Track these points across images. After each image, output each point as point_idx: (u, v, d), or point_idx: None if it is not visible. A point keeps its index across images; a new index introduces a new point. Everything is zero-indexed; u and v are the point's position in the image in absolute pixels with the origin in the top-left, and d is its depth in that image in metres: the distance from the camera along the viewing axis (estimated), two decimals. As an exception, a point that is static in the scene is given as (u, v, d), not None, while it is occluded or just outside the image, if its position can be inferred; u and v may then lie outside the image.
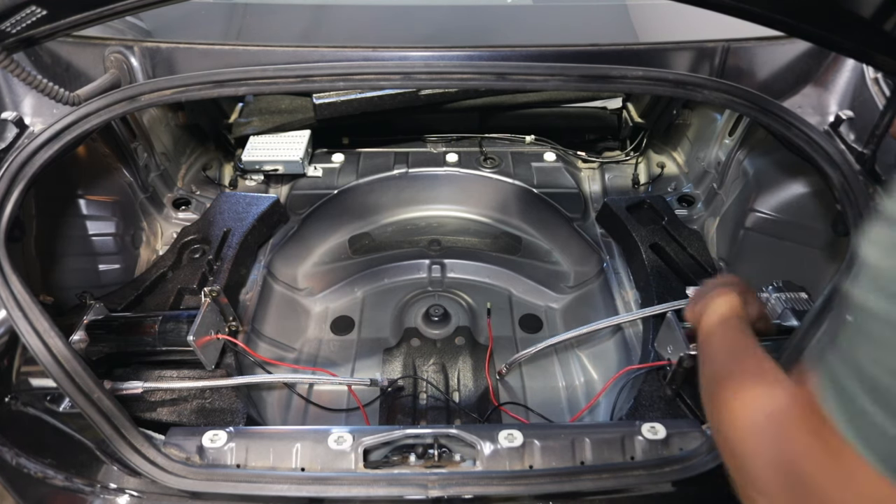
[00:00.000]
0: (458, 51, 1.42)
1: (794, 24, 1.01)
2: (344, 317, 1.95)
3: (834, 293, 1.13)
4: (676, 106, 2.13)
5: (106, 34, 1.49)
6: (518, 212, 2.22)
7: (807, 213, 1.60)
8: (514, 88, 1.43)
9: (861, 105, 1.39)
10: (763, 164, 1.75)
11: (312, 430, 1.22)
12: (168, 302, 1.64)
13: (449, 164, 2.24)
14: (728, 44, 1.50)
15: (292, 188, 2.19)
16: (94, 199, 1.77)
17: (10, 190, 1.20)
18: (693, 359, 1.31)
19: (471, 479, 1.10)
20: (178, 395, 1.42)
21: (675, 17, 1.64)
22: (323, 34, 1.77)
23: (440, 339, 1.82)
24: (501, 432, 1.17)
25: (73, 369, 1.11)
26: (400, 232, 2.21)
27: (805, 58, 1.50)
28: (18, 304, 1.11)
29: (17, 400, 1.19)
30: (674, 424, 1.21)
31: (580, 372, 1.77)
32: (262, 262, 1.93)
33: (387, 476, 1.11)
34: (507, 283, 2.05)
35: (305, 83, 1.35)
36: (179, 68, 1.48)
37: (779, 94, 1.47)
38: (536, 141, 2.35)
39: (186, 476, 1.10)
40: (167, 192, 2.09)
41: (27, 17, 0.99)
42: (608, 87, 1.38)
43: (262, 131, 2.21)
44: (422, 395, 1.66)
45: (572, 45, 1.46)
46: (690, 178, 2.16)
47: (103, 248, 1.78)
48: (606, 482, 1.09)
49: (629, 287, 1.85)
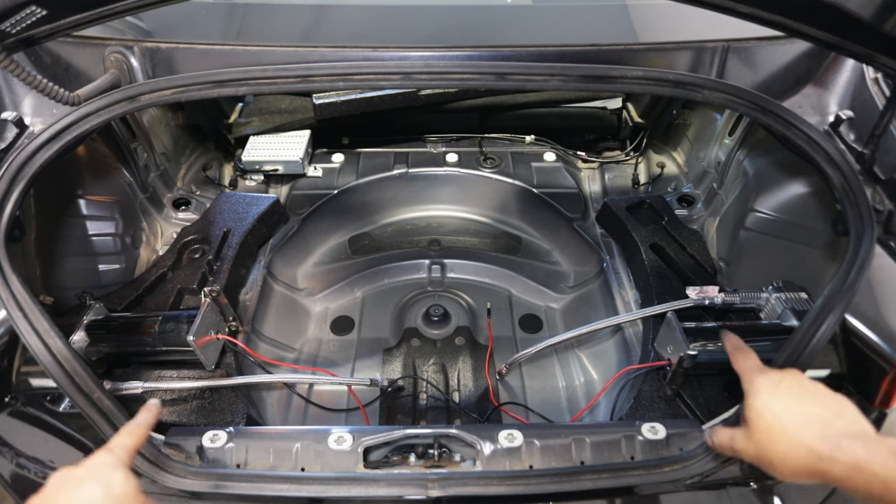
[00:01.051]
0: (458, 51, 1.42)
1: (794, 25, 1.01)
2: (344, 317, 1.95)
3: (834, 293, 1.13)
4: (676, 106, 2.13)
5: (106, 34, 1.49)
6: (518, 212, 2.22)
7: (807, 213, 1.60)
8: (514, 88, 1.42)
9: (861, 105, 1.39)
10: (763, 164, 1.75)
11: (312, 431, 1.22)
12: (168, 302, 1.64)
13: (449, 164, 2.24)
14: (728, 44, 1.50)
15: (292, 188, 2.19)
16: (94, 199, 1.77)
17: (9, 190, 1.19)
18: (693, 359, 1.31)
19: (471, 479, 1.10)
20: (178, 396, 1.42)
21: (675, 17, 1.64)
22: (323, 34, 1.76)
23: (440, 339, 1.82)
24: (501, 432, 1.17)
25: (73, 369, 1.11)
26: (400, 232, 2.21)
27: (805, 58, 1.50)
28: (18, 304, 1.11)
29: (17, 400, 1.19)
30: (674, 424, 1.21)
31: (580, 372, 1.77)
32: (262, 262, 1.93)
33: (387, 476, 1.11)
34: (507, 283, 2.05)
35: (305, 83, 1.35)
36: (179, 68, 1.47)
37: (779, 94, 1.47)
38: (536, 141, 2.35)
39: (186, 476, 1.10)
40: (167, 192, 2.09)
41: (27, 17, 0.99)
42: (608, 87, 1.37)
43: (262, 131, 2.21)
44: (422, 395, 1.66)
45: (572, 45, 1.46)
46: (690, 178, 2.16)
47: (103, 248, 1.78)
48: (606, 482, 1.09)
49: (629, 287, 1.85)
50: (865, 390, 1.14)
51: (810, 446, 0.76)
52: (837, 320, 1.11)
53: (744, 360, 0.97)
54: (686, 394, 1.39)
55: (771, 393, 0.84)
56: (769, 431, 0.82)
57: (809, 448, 0.76)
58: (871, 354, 1.11)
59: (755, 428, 0.84)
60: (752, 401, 0.86)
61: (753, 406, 0.85)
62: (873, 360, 1.11)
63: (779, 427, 0.81)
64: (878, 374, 1.10)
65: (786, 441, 0.79)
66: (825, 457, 0.74)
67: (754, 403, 0.85)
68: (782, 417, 0.81)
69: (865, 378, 1.14)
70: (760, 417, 0.83)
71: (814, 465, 0.75)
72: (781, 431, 0.80)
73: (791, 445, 0.78)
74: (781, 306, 1.44)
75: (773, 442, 0.81)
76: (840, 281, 1.14)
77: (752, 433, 0.84)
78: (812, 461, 0.75)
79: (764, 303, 1.50)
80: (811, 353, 1.10)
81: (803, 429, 0.77)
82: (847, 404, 0.80)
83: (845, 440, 0.74)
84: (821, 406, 0.80)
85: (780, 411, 0.81)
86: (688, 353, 1.31)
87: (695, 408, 1.36)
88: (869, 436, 0.74)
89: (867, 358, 1.12)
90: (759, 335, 1.40)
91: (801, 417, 0.79)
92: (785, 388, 0.84)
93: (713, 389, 1.40)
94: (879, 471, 0.70)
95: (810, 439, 0.76)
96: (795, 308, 1.42)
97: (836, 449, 0.74)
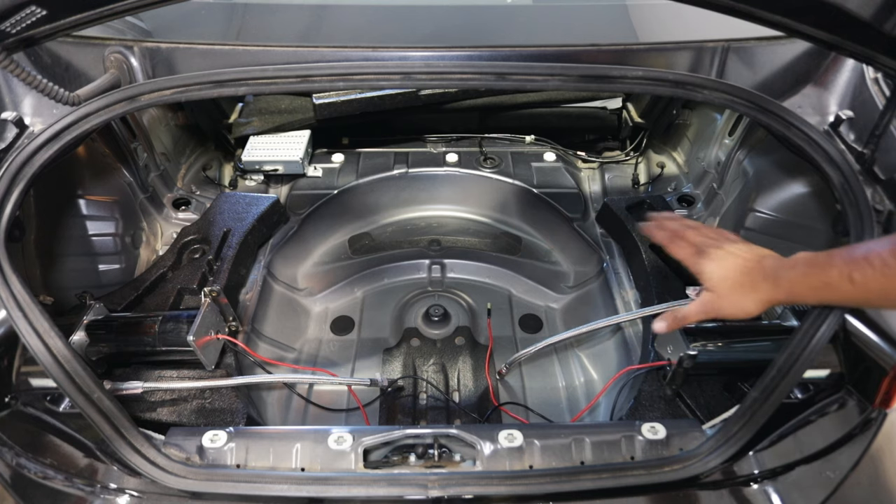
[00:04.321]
0: (458, 51, 1.42)
1: (794, 25, 1.01)
2: (344, 317, 1.95)
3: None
4: (676, 106, 2.13)
5: (106, 34, 1.49)
6: (518, 212, 2.22)
7: (807, 213, 1.60)
8: (514, 88, 1.43)
9: (861, 105, 1.39)
10: (763, 164, 1.75)
11: (312, 431, 1.22)
12: (168, 302, 1.64)
13: (449, 164, 2.24)
14: (728, 44, 1.50)
15: (292, 188, 2.19)
16: (94, 199, 1.77)
17: (9, 190, 1.19)
18: (693, 359, 1.31)
19: (471, 479, 1.10)
20: (178, 396, 1.42)
21: (675, 17, 1.64)
22: (323, 34, 1.76)
23: (440, 339, 1.82)
24: (501, 432, 1.17)
25: (73, 369, 1.11)
26: (400, 232, 2.21)
27: (805, 58, 1.50)
28: (18, 304, 1.11)
29: (17, 400, 1.19)
30: (674, 424, 1.21)
31: (580, 372, 1.77)
32: (261, 262, 1.93)
33: (387, 476, 1.11)
34: (507, 283, 2.05)
35: (305, 83, 1.35)
36: (179, 68, 1.47)
37: (779, 94, 1.47)
38: (536, 141, 2.35)
39: (186, 476, 1.10)
40: (167, 192, 2.09)
41: (27, 17, 0.99)
42: (608, 87, 1.37)
43: (262, 131, 2.21)
44: (422, 395, 1.66)
45: (572, 45, 1.46)
46: (690, 178, 2.16)
47: (103, 248, 1.78)
48: (606, 482, 1.09)
49: (629, 287, 1.85)
50: (865, 390, 1.14)
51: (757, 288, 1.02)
52: (837, 320, 1.11)
53: (681, 250, 1.12)
54: (686, 394, 1.39)
55: (714, 265, 1.06)
56: (727, 289, 1.04)
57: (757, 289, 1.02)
58: (871, 354, 1.12)
59: (718, 291, 1.05)
60: (705, 277, 1.07)
61: (710, 278, 1.06)
62: (873, 360, 1.11)
63: (730, 284, 1.04)
64: (878, 374, 1.10)
65: (740, 290, 1.03)
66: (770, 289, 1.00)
67: (709, 276, 1.06)
68: (730, 277, 1.04)
69: (865, 378, 1.14)
70: (721, 281, 1.05)
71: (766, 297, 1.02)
72: (737, 286, 1.04)
73: (745, 291, 1.03)
74: (781, 306, 1.44)
75: (731, 294, 1.04)
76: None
77: (716, 296, 1.06)
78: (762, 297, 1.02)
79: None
80: (811, 353, 1.10)
81: (747, 275, 1.03)
82: (762, 250, 1.06)
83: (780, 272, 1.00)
84: (749, 259, 1.05)
85: (727, 274, 1.04)
86: (688, 353, 1.31)
87: (695, 408, 1.36)
88: (787, 260, 1.01)
89: (867, 358, 1.12)
90: (759, 335, 1.40)
91: (743, 273, 1.03)
92: (721, 257, 1.06)
93: (713, 389, 1.40)
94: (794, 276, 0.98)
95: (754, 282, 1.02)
96: (795, 308, 1.42)
97: (775, 279, 1.00)
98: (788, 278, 0.98)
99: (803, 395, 1.22)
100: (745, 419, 1.12)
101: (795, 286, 0.97)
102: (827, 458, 1.12)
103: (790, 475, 1.13)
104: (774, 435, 1.15)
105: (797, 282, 0.97)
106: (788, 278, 0.98)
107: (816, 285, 0.95)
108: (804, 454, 1.13)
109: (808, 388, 1.22)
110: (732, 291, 1.03)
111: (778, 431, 1.15)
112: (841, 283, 0.91)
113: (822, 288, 0.94)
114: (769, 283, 1.00)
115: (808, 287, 0.96)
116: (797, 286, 0.97)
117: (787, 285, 0.98)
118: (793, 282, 0.97)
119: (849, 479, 1.09)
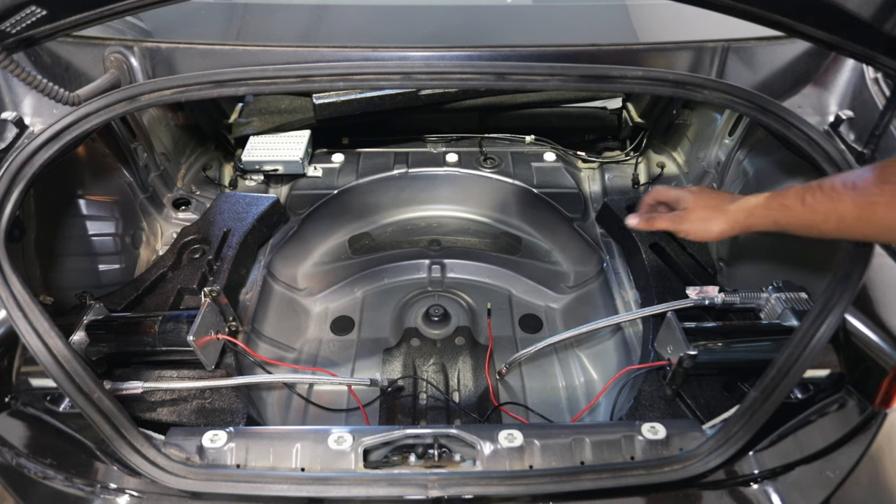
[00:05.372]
0: (458, 51, 1.42)
1: (794, 25, 1.01)
2: (344, 317, 1.95)
3: (834, 293, 1.13)
4: (676, 106, 2.13)
5: (106, 34, 1.49)
6: (518, 212, 2.22)
7: (807, 212, 1.59)
8: (514, 88, 1.43)
9: (861, 105, 1.39)
10: (763, 164, 1.75)
11: (312, 431, 1.22)
12: (168, 302, 1.64)
13: (449, 164, 2.24)
14: (728, 44, 1.50)
15: (292, 188, 2.19)
16: (94, 199, 1.77)
17: (9, 190, 1.19)
18: (693, 359, 1.31)
19: (471, 479, 1.10)
20: (178, 396, 1.42)
21: (675, 17, 1.64)
22: (323, 34, 1.76)
23: (440, 339, 1.82)
24: (501, 432, 1.17)
25: (73, 369, 1.11)
26: (400, 232, 2.21)
27: (805, 58, 1.50)
28: (18, 304, 1.11)
29: (17, 400, 1.19)
30: (674, 424, 1.21)
31: (580, 372, 1.77)
32: (262, 262, 1.93)
33: (387, 476, 1.11)
34: (507, 283, 2.05)
35: (305, 83, 1.35)
36: (179, 68, 1.48)
37: (779, 94, 1.47)
38: (536, 141, 2.35)
39: (186, 476, 1.10)
40: (167, 192, 2.09)
41: (27, 17, 0.99)
42: (608, 87, 1.37)
43: (262, 131, 2.21)
44: (422, 395, 1.66)
45: (572, 45, 1.46)
46: (690, 178, 2.16)
47: (103, 248, 1.78)
48: (606, 482, 1.09)
49: (629, 287, 1.85)
50: (865, 390, 1.14)
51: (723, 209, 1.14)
52: (837, 320, 1.11)
53: (660, 221, 1.24)
54: (686, 394, 1.39)
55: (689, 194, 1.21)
56: (698, 207, 1.18)
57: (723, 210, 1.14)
58: (871, 354, 1.12)
59: (690, 207, 1.19)
60: (682, 205, 1.20)
61: (686, 199, 1.20)
62: (873, 360, 1.11)
63: (702, 204, 1.18)
64: (878, 374, 1.10)
65: (709, 210, 1.16)
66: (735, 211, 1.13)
67: (686, 200, 1.20)
68: (703, 198, 1.19)
69: (865, 378, 1.14)
70: (695, 200, 1.19)
71: (731, 220, 1.13)
72: (707, 207, 1.17)
73: (711, 212, 1.16)
74: (781, 306, 1.44)
75: (700, 211, 1.17)
76: (840, 281, 1.14)
77: (686, 212, 1.19)
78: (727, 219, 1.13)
79: (764, 303, 1.50)
80: (811, 353, 1.10)
81: (716, 198, 1.17)
82: (731, 196, 1.17)
83: (745, 198, 1.13)
84: (718, 191, 1.25)
85: (700, 197, 1.19)
86: (688, 353, 1.31)
87: (695, 408, 1.36)
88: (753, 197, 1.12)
89: (867, 358, 1.12)
90: (759, 335, 1.40)
91: (713, 196, 1.18)
92: (695, 191, 1.21)
93: (713, 389, 1.40)
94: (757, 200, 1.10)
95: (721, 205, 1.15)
96: (795, 308, 1.42)
97: (740, 203, 1.13)
98: (752, 202, 1.10)
99: (803, 394, 1.22)
100: (745, 419, 1.12)
101: (756, 209, 1.09)
102: (827, 458, 1.12)
103: (790, 475, 1.13)
104: (774, 435, 1.15)
105: (759, 205, 1.09)
106: (752, 202, 1.10)
107: (774, 207, 1.06)
108: (804, 454, 1.13)
109: (808, 387, 1.22)
110: (703, 209, 1.16)
111: (778, 431, 1.15)
112: (794, 204, 1.03)
113: (779, 209, 1.06)
114: (735, 206, 1.12)
115: (767, 209, 1.08)
116: (758, 209, 1.09)
117: (749, 208, 1.10)
118: (755, 205, 1.10)
119: (849, 479, 1.09)
